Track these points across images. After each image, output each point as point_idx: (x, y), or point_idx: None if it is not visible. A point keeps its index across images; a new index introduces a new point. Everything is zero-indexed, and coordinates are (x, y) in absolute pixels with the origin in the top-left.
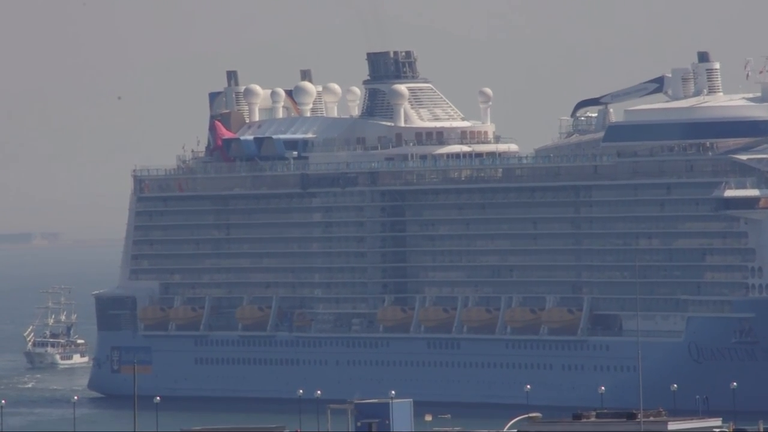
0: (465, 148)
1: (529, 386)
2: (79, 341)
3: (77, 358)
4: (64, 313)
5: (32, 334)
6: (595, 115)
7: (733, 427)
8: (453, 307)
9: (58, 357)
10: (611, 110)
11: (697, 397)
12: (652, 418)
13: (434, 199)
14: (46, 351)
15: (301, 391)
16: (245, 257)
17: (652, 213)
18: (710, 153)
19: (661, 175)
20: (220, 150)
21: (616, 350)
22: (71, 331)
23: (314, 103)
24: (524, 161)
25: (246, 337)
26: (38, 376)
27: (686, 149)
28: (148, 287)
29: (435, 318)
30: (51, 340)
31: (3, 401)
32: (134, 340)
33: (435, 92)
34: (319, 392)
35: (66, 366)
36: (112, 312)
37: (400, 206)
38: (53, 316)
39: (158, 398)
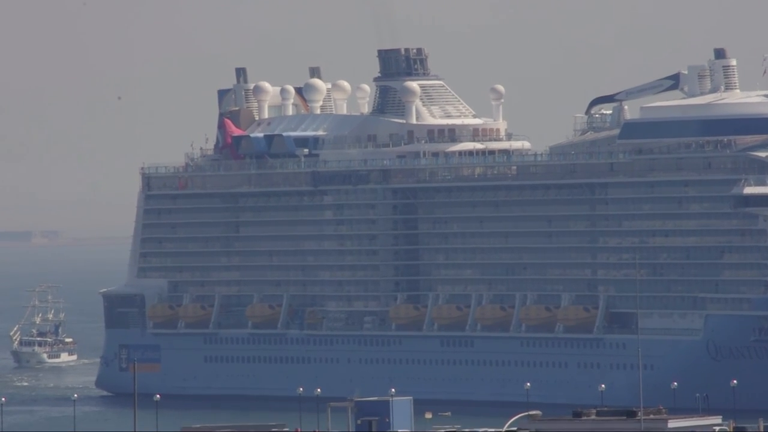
0: (478, 146)
1: (528, 384)
2: (67, 340)
3: (65, 357)
4: (52, 311)
5: (18, 332)
6: (610, 112)
7: (734, 425)
8: (467, 305)
9: (45, 356)
10: (626, 107)
11: (697, 395)
12: (652, 416)
13: (447, 196)
14: (33, 350)
15: (301, 389)
16: (256, 255)
17: (669, 210)
18: (728, 150)
19: (678, 172)
20: (230, 147)
21: (633, 348)
22: (59, 330)
23: (324, 100)
24: (539, 158)
25: (256, 335)
26: (19, 375)
27: (704, 146)
28: (157, 285)
29: (448, 316)
30: (38, 338)
31: (3, 399)
32: (143, 338)
33: (446, 89)
34: (318, 390)
35: (53, 365)
36: (120, 310)
37: (412, 204)
38: (40, 315)
39: (158, 396)
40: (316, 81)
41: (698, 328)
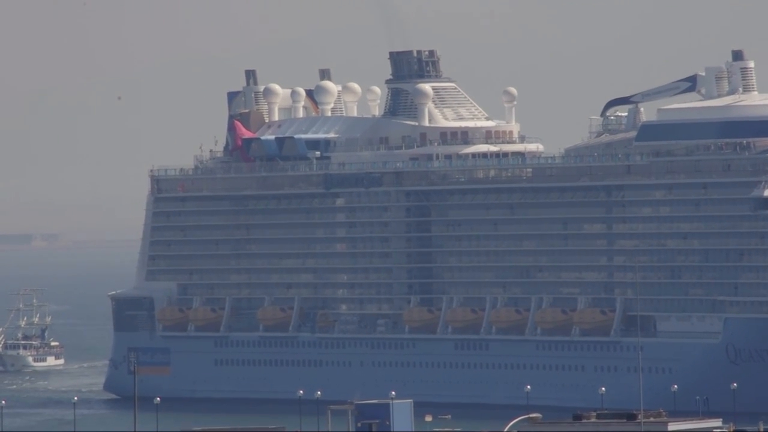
0: (492, 148)
1: (529, 386)
2: (54, 343)
3: (51, 361)
4: (38, 315)
5: (2, 336)
6: (626, 114)
7: (733, 427)
8: (481, 308)
9: (30, 359)
10: (642, 109)
11: (698, 397)
12: (652, 419)
13: (460, 199)
14: (18, 353)
15: (301, 391)
16: (267, 258)
17: (688, 213)
18: (747, 152)
19: (697, 175)
20: (240, 150)
21: (651, 351)
22: (46, 333)
23: (334, 102)
24: (554, 161)
25: (267, 338)
26: (8, 379)
27: (722, 148)
28: (166, 288)
29: (463, 319)
30: (23, 342)
31: (3, 401)
32: (152, 341)
33: (459, 92)
34: (319, 393)
35: (39, 368)
36: (129, 313)
37: (425, 206)
38: (25, 318)
39: (158, 399)
40: (328, 83)
41: (717, 331)
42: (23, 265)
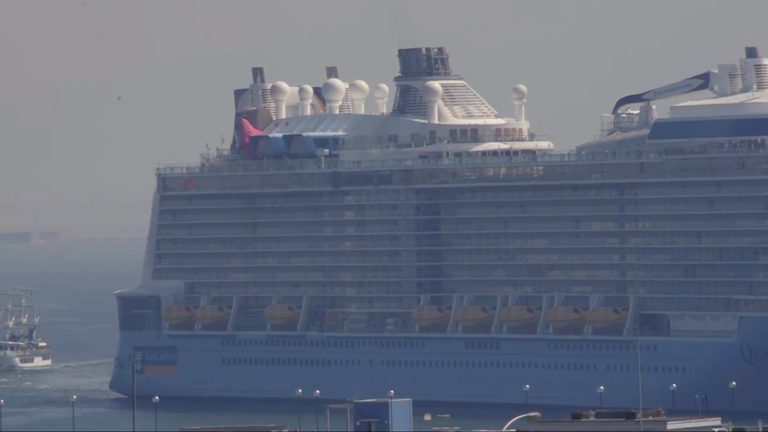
0: (502, 146)
1: (528, 385)
2: (41, 344)
3: (39, 361)
4: (26, 315)
5: None
6: (637, 112)
7: (732, 427)
8: (492, 307)
9: (17, 360)
10: (653, 107)
11: (696, 396)
12: (651, 418)
13: (470, 197)
14: (5, 354)
15: (300, 390)
16: (274, 256)
17: (702, 211)
18: (761, 150)
19: (711, 173)
20: (248, 148)
21: (664, 350)
22: (34, 334)
23: (342, 100)
24: (566, 158)
25: (275, 337)
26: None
27: (736, 146)
28: (173, 286)
29: (473, 317)
30: (10, 342)
31: (1, 401)
32: (158, 339)
33: (468, 89)
34: (318, 392)
35: (26, 369)
36: (135, 311)
37: (435, 204)
38: (13, 319)
39: (157, 398)
40: (336, 81)
41: (732, 330)
42: (22, 263)
